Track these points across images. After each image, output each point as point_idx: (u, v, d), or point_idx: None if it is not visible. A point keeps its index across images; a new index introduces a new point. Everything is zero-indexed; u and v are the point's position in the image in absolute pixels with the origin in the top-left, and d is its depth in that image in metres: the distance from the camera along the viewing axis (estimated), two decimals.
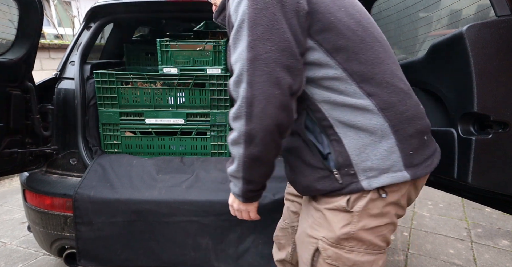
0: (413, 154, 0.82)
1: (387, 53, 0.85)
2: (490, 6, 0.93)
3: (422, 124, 0.85)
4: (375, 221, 0.83)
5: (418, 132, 0.84)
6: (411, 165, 0.82)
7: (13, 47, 1.41)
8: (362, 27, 0.81)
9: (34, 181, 1.60)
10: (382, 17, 1.48)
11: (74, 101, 1.64)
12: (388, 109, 0.80)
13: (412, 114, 0.83)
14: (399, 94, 0.82)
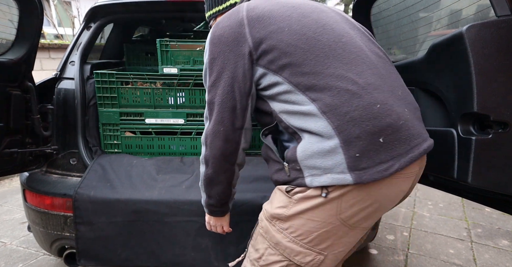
0: (360, 157, 0.80)
1: (335, 57, 0.86)
2: (490, 6, 0.93)
3: (374, 125, 0.80)
4: (309, 214, 0.87)
5: (367, 133, 0.80)
6: (356, 168, 0.80)
7: (13, 47, 1.41)
8: (307, 38, 0.87)
9: (34, 181, 1.60)
10: (382, 17, 1.48)
11: (74, 101, 1.64)
12: (330, 112, 0.82)
13: (358, 115, 0.81)
14: (344, 96, 0.82)
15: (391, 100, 0.85)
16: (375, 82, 0.86)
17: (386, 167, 0.80)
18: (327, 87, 0.84)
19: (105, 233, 1.46)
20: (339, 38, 0.89)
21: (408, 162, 0.82)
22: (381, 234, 2.48)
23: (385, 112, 0.82)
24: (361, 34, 0.98)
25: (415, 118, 0.90)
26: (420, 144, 0.86)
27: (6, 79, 1.37)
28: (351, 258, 2.16)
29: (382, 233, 2.49)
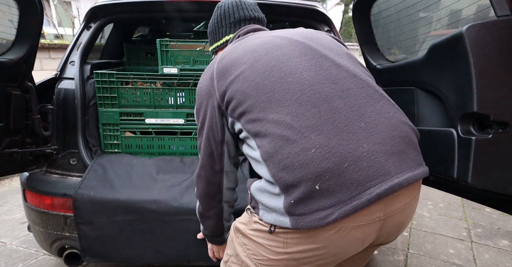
0: (296, 203, 0.76)
1: (278, 101, 0.84)
2: (490, 6, 0.93)
3: (307, 172, 0.75)
4: (260, 238, 0.88)
5: (301, 181, 0.75)
6: (293, 213, 0.77)
7: (13, 47, 1.41)
8: (255, 84, 0.89)
9: (34, 181, 1.60)
10: (382, 17, 1.48)
11: (74, 101, 1.64)
12: (268, 160, 0.82)
13: (290, 163, 0.77)
14: (278, 143, 0.80)
15: (337, 140, 0.77)
16: (316, 123, 0.79)
17: (324, 215, 0.74)
18: (267, 134, 0.83)
19: (106, 232, 1.46)
20: (284, 79, 0.86)
21: (351, 211, 0.73)
22: None
23: (322, 157, 0.75)
24: (328, 62, 0.90)
25: (384, 153, 0.78)
26: (375, 186, 0.75)
27: (6, 79, 1.37)
28: None
29: None
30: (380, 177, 0.76)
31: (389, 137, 0.81)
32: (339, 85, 0.85)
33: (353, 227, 0.78)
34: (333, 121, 0.79)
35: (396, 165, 0.78)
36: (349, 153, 0.76)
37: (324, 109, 0.80)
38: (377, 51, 1.55)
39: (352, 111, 0.81)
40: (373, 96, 0.86)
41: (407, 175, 0.79)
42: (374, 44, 1.55)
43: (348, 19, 26.99)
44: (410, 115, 1.27)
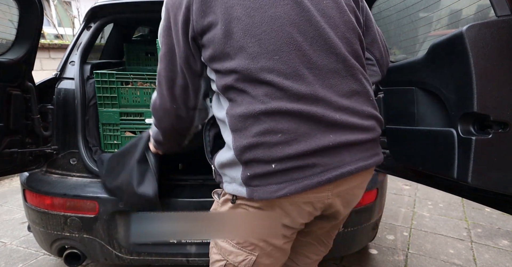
0: (252, 177, 0.83)
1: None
2: (490, 6, 0.93)
3: (269, 154, 0.80)
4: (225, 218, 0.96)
5: (260, 160, 0.81)
6: (249, 185, 0.84)
7: (13, 47, 1.41)
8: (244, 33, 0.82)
9: (34, 181, 1.60)
10: (382, 17, 1.48)
11: (74, 101, 1.64)
12: (235, 132, 0.85)
13: (255, 142, 0.81)
14: (245, 123, 0.82)
15: (306, 128, 0.81)
16: (288, 107, 0.81)
17: (276, 189, 0.81)
18: (238, 100, 0.85)
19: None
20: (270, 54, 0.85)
21: (301, 190, 0.81)
22: (381, 234, 2.48)
23: (286, 143, 0.80)
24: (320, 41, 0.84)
25: (344, 144, 0.83)
26: (327, 171, 0.81)
27: (6, 79, 1.37)
28: (351, 258, 2.17)
29: (382, 233, 2.49)
30: (334, 164, 0.83)
31: (353, 128, 0.85)
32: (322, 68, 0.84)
33: (303, 202, 0.87)
34: (307, 112, 0.81)
35: (352, 155, 0.85)
36: (315, 142, 0.81)
37: (320, 80, 0.84)
38: None
39: (327, 105, 0.83)
40: (352, 88, 0.87)
41: (359, 164, 0.86)
42: None
43: None
44: (410, 115, 1.27)
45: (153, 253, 1.57)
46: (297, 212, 0.89)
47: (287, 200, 0.85)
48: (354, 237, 1.65)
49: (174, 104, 0.94)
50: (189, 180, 1.64)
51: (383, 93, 1.49)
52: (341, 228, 1.27)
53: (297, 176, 0.81)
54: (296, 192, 0.81)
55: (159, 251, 1.57)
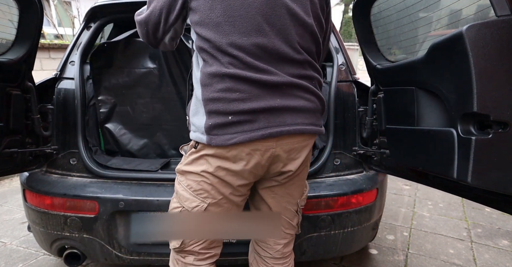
0: (213, 126, 1.00)
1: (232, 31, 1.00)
2: (490, 6, 0.93)
3: (226, 107, 0.98)
4: (191, 166, 1.10)
5: (220, 112, 0.99)
6: (209, 133, 1.02)
7: (13, 47, 1.41)
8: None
9: (34, 181, 1.60)
10: (382, 17, 1.48)
11: (74, 101, 1.64)
12: (204, 87, 1.02)
13: (217, 96, 0.99)
14: (212, 80, 1.00)
15: (259, 90, 0.99)
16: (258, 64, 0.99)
17: (230, 137, 1.00)
18: (209, 61, 1.02)
19: None
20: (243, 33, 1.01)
21: (248, 139, 0.99)
22: (381, 234, 2.48)
23: (242, 100, 0.98)
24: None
25: (293, 109, 1.03)
26: (267, 128, 1.00)
27: (6, 79, 1.37)
28: (351, 258, 2.17)
29: (382, 233, 2.49)
30: (277, 123, 1.02)
31: (299, 100, 1.05)
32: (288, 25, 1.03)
33: (251, 149, 1.03)
34: (263, 80, 0.99)
35: (293, 118, 1.04)
36: (264, 102, 0.99)
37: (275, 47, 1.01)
38: (377, 51, 1.55)
39: (279, 78, 1.02)
40: (302, 73, 1.07)
41: (298, 127, 1.05)
42: (374, 44, 1.55)
43: (348, 19, 26.98)
44: (410, 115, 1.27)
45: (153, 253, 1.57)
46: (247, 159, 1.04)
47: (238, 147, 1.02)
48: (354, 237, 1.65)
49: (145, 26, 1.13)
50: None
51: (383, 93, 1.49)
52: (301, 207, 1.31)
53: (247, 128, 1.00)
54: (244, 140, 0.99)
55: (159, 251, 1.57)
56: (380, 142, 1.58)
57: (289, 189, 1.21)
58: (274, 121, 1.01)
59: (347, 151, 1.68)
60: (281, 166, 1.11)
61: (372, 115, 1.59)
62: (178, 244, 1.16)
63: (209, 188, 1.09)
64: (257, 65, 0.99)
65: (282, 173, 1.14)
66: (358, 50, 10.33)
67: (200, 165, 1.08)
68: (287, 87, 1.03)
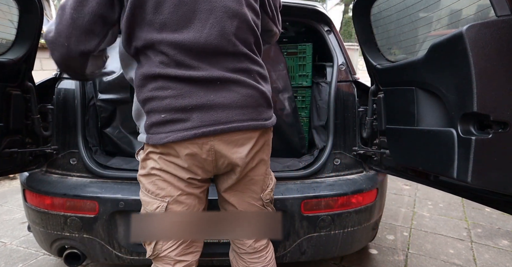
0: (151, 125, 1.01)
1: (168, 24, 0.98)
2: (490, 6, 0.93)
3: (161, 105, 0.98)
4: (143, 170, 1.12)
5: (156, 111, 0.99)
6: (148, 132, 1.03)
7: (13, 47, 1.41)
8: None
9: (34, 181, 1.60)
10: (382, 17, 1.48)
11: (74, 101, 1.64)
12: (139, 88, 1.03)
13: (152, 95, 0.99)
14: (145, 81, 1.00)
15: (190, 87, 0.98)
16: (190, 62, 0.98)
17: (164, 136, 1.00)
18: (143, 60, 1.03)
19: None
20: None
21: (181, 138, 0.99)
22: (381, 234, 2.48)
23: (174, 97, 0.98)
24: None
25: (229, 106, 1.01)
26: (200, 127, 0.99)
27: (6, 79, 1.37)
28: (351, 258, 2.17)
29: (382, 233, 2.49)
30: (209, 122, 1.00)
31: (235, 95, 1.02)
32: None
33: (189, 143, 1.01)
34: (195, 76, 0.98)
35: (228, 115, 1.01)
36: (196, 99, 0.98)
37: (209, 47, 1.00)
38: (377, 51, 1.55)
39: (212, 73, 1.00)
40: (237, 67, 1.05)
41: (233, 124, 1.02)
42: (374, 44, 1.55)
43: (348, 19, 26.99)
44: (410, 115, 1.27)
45: None
46: (187, 153, 1.03)
47: (173, 145, 1.02)
48: (354, 237, 1.65)
49: (66, 42, 0.94)
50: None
51: (383, 93, 1.49)
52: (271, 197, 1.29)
53: (180, 127, 0.99)
54: (176, 140, 0.99)
55: None
56: (380, 142, 1.58)
57: (247, 185, 1.18)
58: (208, 120, 0.99)
59: (347, 151, 1.69)
60: (227, 160, 1.08)
61: (372, 115, 1.60)
62: (151, 250, 1.14)
63: (164, 185, 1.08)
64: (188, 62, 0.98)
65: (232, 168, 1.11)
66: (358, 50, 10.33)
67: (148, 164, 1.09)
68: (221, 82, 1.01)
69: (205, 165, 1.08)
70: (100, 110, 1.76)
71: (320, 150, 1.71)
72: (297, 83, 2.13)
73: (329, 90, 1.67)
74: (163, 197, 1.09)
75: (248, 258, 1.28)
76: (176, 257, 1.13)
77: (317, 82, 2.04)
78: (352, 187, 1.59)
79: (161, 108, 0.99)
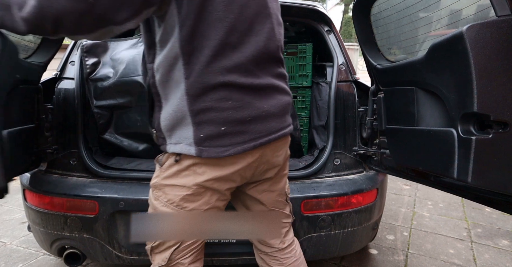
0: (205, 138, 0.94)
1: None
2: (490, 6, 0.93)
3: (220, 117, 0.93)
4: (172, 180, 1.02)
5: (213, 122, 0.94)
6: (199, 145, 0.95)
7: (38, 50, 1.43)
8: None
9: (34, 181, 1.60)
10: (382, 17, 1.48)
11: (74, 101, 1.64)
12: (192, 96, 0.93)
13: (204, 107, 0.93)
14: (202, 90, 0.93)
15: (250, 97, 0.96)
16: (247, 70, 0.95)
17: (223, 150, 0.95)
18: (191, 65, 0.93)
19: None
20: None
21: (242, 151, 0.97)
22: (381, 234, 2.48)
23: (234, 109, 0.94)
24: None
25: (273, 115, 1.01)
26: (262, 137, 0.99)
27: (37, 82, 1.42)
28: (351, 258, 2.17)
29: (382, 233, 2.49)
30: (266, 132, 1.00)
31: (278, 103, 1.03)
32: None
33: (240, 160, 1.00)
34: (252, 85, 0.96)
35: (277, 123, 1.03)
36: (256, 110, 0.97)
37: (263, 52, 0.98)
38: (377, 51, 1.55)
39: (264, 81, 1.00)
40: (278, 72, 1.06)
41: (281, 132, 1.05)
42: (374, 44, 1.55)
43: (348, 19, 27.00)
44: (410, 115, 1.27)
45: None
46: (239, 163, 1.01)
47: (232, 157, 0.98)
48: (354, 237, 1.65)
49: None
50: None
51: (383, 93, 1.49)
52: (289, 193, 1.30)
53: (240, 140, 0.96)
54: (238, 152, 0.96)
55: None
56: (380, 142, 1.58)
57: (277, 182, 1.20)
58: (263, 130, 1.00)
59: (347, 151, 1.69)
60: (267, 165, 1.10)
61: (372, 115, 1.60)
62: (166, 259, 1.07)
63: (195, 198, 1.02)
64: (251, 68, 0.95)
65: (269, 170, 1.12)
66: (358, 50, 10.33)
67: (184, 176, 1.01)
68: (270, 90, 1.01)
69: (247, 172, 1.06)
70: (98, 116, 1.75)
71: (320, 150, 1.71)
72: (297, 83, 2.13)
73: (329, 90, 1.67)
74: (189, 210, 1.04)
75: (281, 255, 1.28)
76: (189, 265, 1.11)
77: (317, 82, 2.04)
78: (352, 187, 1.59)
79: (221, 120, 0.94)
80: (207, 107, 0.93)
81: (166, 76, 0.96)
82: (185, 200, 1.02)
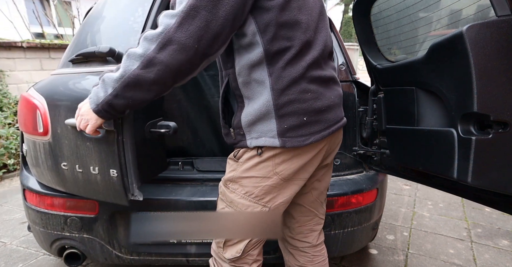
0: (288, 129, 1.01)
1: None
2: (490, 6, 0.93)
3: (302, 107, 1.00)
4: (251, 172, 1.06)
5: (296, 113, 1.00)
6: (283, 136, 1.01)
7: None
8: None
9: (34, 181, 1.60)
10: (382, 17, 1.48)
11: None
12: (277, 90, 0.99)
13: (289, 99, 0.99)
14: (287, 84, 0.99)
15: (322, 89, 1.05)
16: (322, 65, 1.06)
17: (304, 139, 1.02)
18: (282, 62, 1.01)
19: None
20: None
21: (320, 138, 1.05)
22: (381, 234, 2.48)
23: (314, 99, 1.02)
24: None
25: (337, 104, 1.11)
26: (332, 125, 1.08)
27: None
28: (351, 258, 2.17)
29: (382, 233, 2.49)
30: (336, 119, 1.10)
31: (340, 94, 1.16)
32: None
33: (315, 147, 1.09)
34: (324, 76, 1.06)
35: (339, 112, 1.14)
36: (328, 100, 1.06)
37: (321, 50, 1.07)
38: (377, 51, 1.55)
39: (329, 73, 1.10)
40: (334, 66, 1.18)
41: (343, 120, 1.16)
42: (374, 44, 1.55)
43: (348, 19, 26.99)
44: (410, 115, 1.27)
45: (153, 253, 1.57)
46: (315, 152, 1.09)
47: (311, 145, 1.06)
48: (354, 237, 1.65)
49: (196, 44, 0.86)
50: (189, 180, 1.65)
51: (383, 93, 1.49)
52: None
53: (318, 128, 1.04)
54: (317, 140, 1.04)
55: (159, 251, 1.57)
56: (380, 142, 1.58)
57: (328, 172, 1.30)
58: (333, 118, 1.09)
59: (347, 151, 1.69)
60: (329, 152, 1.19)
61: (372, 115, 1.60)
62: (240, 251, 1.12)
63: (274, 190, 1.08)
64: (321, 62, 1.06)
65: (329, 156, 1.22)
66: (358, 50, 10.34)
67: (264, 168, 1.06)
68: (331, 81, 1.10)
69: (318, 160, 1.13)
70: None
71: None
72: None
73: None
74: (267, 202, 1.08)
75: (312, 251, 1.33)
76: (256, 257, 1.17)
77: None
78: (352, 187, 1.59)
79: (302, 111, 1.01)
80: (290, 100, 1.00)
81: (249, 78, 1.02)
82: (264, 192, 1.07)
